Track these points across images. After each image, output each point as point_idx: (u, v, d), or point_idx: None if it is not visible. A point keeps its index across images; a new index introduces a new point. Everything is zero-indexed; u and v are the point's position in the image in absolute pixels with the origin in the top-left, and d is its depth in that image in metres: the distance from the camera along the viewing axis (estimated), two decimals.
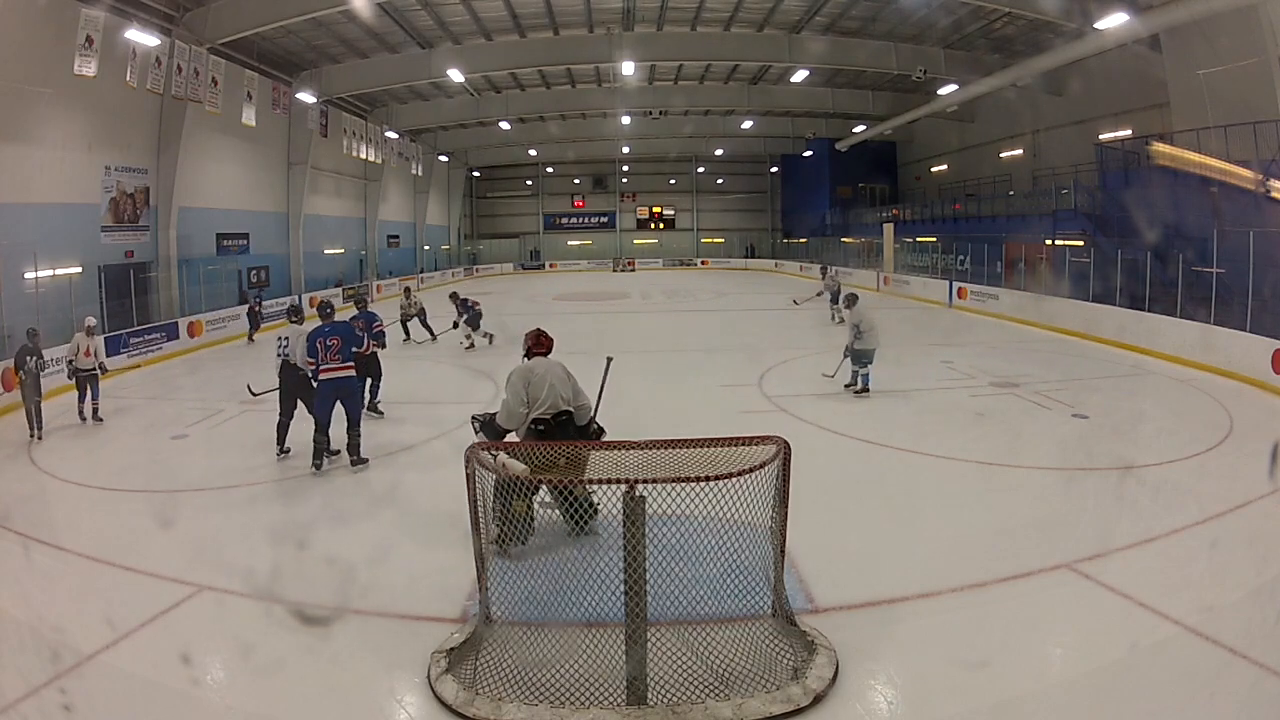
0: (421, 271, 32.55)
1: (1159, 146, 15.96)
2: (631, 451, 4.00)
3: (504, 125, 29.85)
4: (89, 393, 9.21)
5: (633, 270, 39.38)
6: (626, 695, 3.31)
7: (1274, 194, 12.75)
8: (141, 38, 14.02)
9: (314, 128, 22.36)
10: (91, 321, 9.57)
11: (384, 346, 8.79)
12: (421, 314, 14.94)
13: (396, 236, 32.30)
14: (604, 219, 44.09)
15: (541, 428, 4.97)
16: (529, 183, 43.68)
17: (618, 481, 3.32)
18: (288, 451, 7.24)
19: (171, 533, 5.61)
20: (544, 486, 4.11)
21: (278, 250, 22.11)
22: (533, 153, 38.01)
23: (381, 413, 8.78)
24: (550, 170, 42.72)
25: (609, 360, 5.65)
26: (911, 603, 4.28)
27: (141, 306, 14.92)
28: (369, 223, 28.99)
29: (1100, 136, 19.50)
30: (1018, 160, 25.14)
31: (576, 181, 43.37)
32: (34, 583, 4.76)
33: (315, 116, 22.27)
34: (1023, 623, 4.11)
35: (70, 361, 9.20)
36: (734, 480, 3.43)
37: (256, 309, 17.06)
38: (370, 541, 5.30)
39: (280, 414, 7.26)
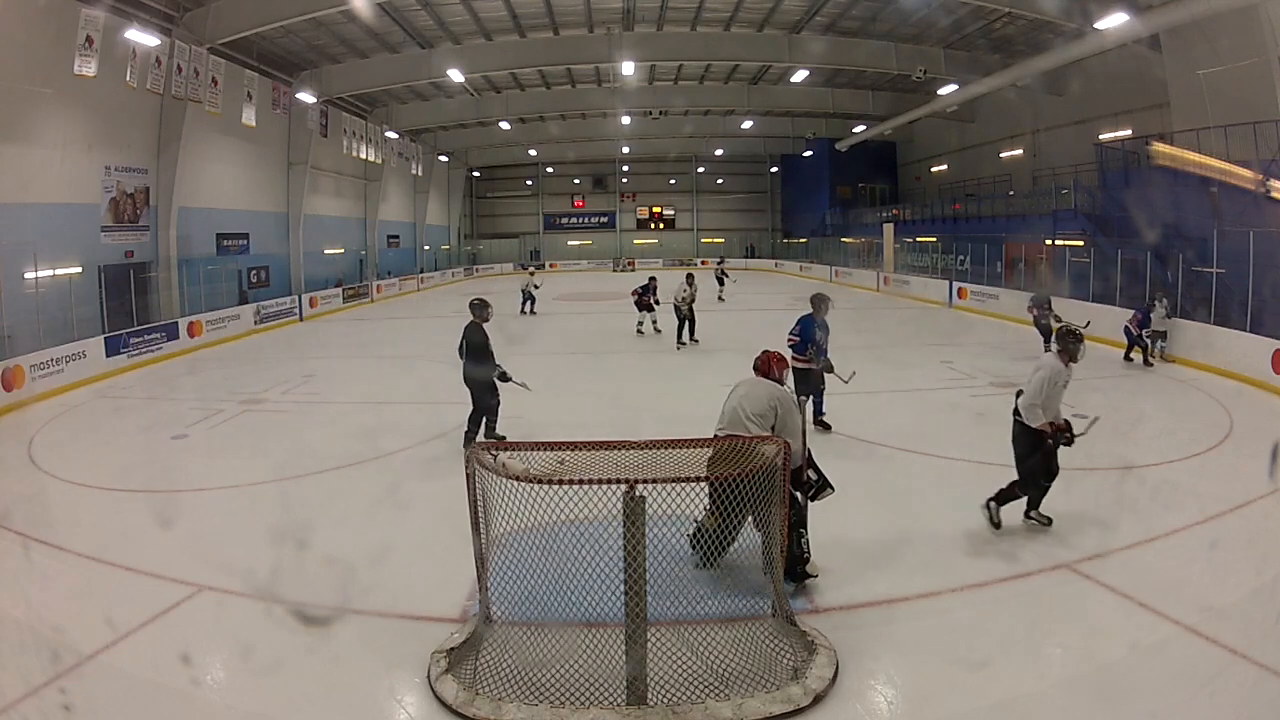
0: (421, 271, 32.55)
1: (1159, 146, 15.94)
2: (631, 451, 4.00)
3: (504, 125, 29.84)
4: (532, 304, 19.57)
5: (633, 270, 39.31)
6: (626, 695, 3.31)
7: (1274, 194, 12.73)
8: (141, 38, 14.02)
9: (314, 128, 22.36)
10: (533, 268, 20.13)
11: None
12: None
13: (396, 236, 32.27)
14: (604, 219, 44.08)
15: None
16: (529, 183, 43.67)
17: (618, 481, 3.31)
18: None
19: (171, 533, 5.61)
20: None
21: (278, 250, 22.08)
22: (533, 153, 37.99)
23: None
24: (550, 170, 42.71)
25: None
26: (911, 603, 4.29)
27: (141, 306, 14.88)
28: (369, 223, 28.96)
29: (1100, 136, 19.49)
30: (1018, 160, 25.13)
31: (576, 181, 43.35)
32: (34, 583, 4.75)
33: (315, 116, 22.26)
34: (1023, 623, 4.12)
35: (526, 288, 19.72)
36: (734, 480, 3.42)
37: (648, 297, 15.53)
38: (370, 541, 5.30)
39: None
